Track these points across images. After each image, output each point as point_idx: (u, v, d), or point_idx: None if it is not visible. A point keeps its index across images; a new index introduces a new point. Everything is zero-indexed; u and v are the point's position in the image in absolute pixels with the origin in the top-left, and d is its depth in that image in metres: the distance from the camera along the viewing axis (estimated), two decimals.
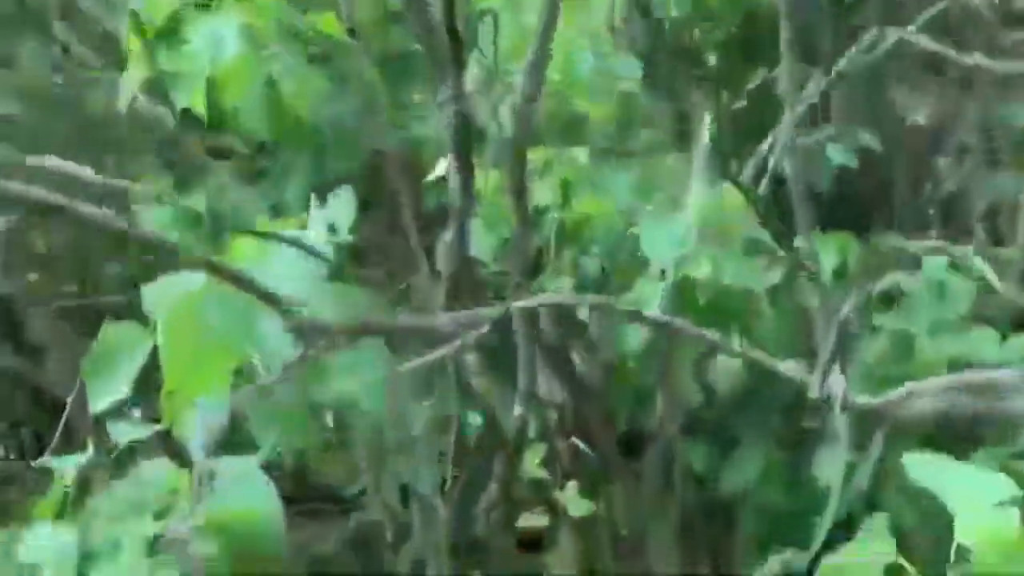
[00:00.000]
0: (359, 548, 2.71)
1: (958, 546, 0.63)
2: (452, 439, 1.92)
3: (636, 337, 1.55)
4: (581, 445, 2.26)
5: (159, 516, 1.08)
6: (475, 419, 2.03)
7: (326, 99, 1.80)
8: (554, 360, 2.33)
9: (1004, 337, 1.72)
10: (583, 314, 2.86)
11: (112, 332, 1.22)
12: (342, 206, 1.26)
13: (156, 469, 1.16)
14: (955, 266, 2.00)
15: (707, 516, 2.88)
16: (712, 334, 1.03)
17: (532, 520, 2.16)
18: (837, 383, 0.90)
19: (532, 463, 2.09)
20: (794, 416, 3.11)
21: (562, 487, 2.14)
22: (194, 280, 1.05)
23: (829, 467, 2.18)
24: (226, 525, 1.07)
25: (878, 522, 0.65)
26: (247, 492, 1.09)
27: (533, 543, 2.46)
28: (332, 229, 1.20)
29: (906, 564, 0.60)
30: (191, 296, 1.04)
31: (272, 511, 1.10)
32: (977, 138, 2.33)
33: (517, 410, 1.73)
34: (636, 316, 1.03)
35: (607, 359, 2.99)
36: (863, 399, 0.93)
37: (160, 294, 1.09)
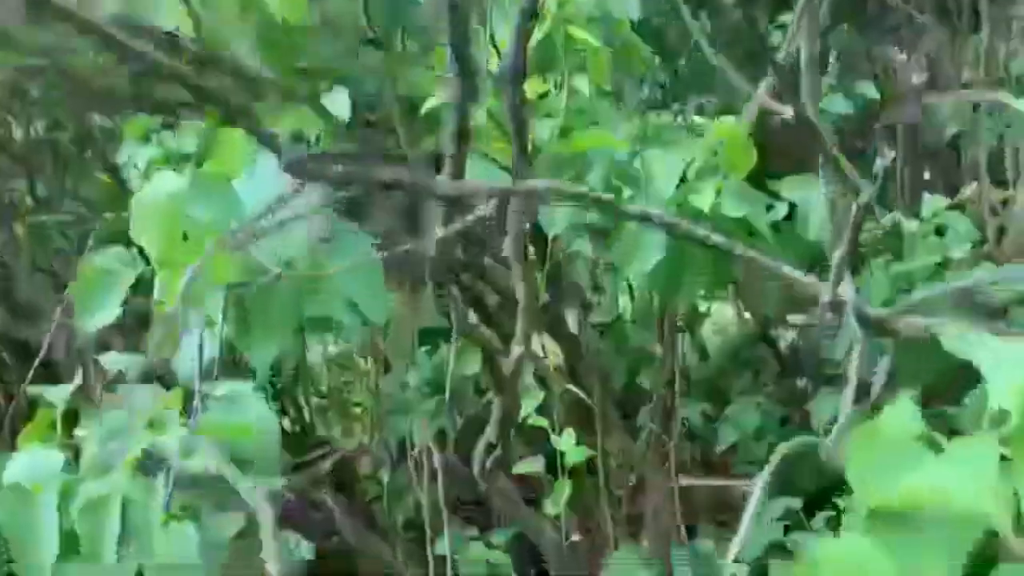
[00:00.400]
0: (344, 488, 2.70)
1: (993, 409, 0.61)
2: (449, 379, 1.90)
3: (646, 257, 1.51)
4: (579, 392, 2.24)
5: (149, 436, 1.06)
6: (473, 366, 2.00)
7: (316, 38, 1.75)
8: (548, 322, 2.31)
9: None
10: (578, 275, 2.86)
11: (99, 256, 1.18)
12: (337, 104, 1.22)
13: (146, 394, 1.13)
14: (956, 206, 1.98)
15: (703, 468, 2.88)
16: (720, 238, 0.99)
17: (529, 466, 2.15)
18: (849, 288, 0.88)
19: (529, 408, 2.07)
20: (787, 373, 3.12)
21: (560, 433, 2.12)
22: (176, 182, 1.02)
23: (827, 411, 2.18)
24: (221, 440, 1.04)
25: (903, 400, 0.63)
26: (244, 407, 1.06)
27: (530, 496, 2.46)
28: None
29: (936, 435, 0.57)
30: (178, 194, 1.00)
31: (268, 426, 1.07)
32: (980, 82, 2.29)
33: (516, 350, 1.71)
34: (643, 217, 0.99)
35: (603, 320, 2.98)
36: (874, 310, 0.91)
37: (146, 198, 1.06)
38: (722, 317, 3.44)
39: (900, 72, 2.72)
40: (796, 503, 2.14)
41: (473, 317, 1.98)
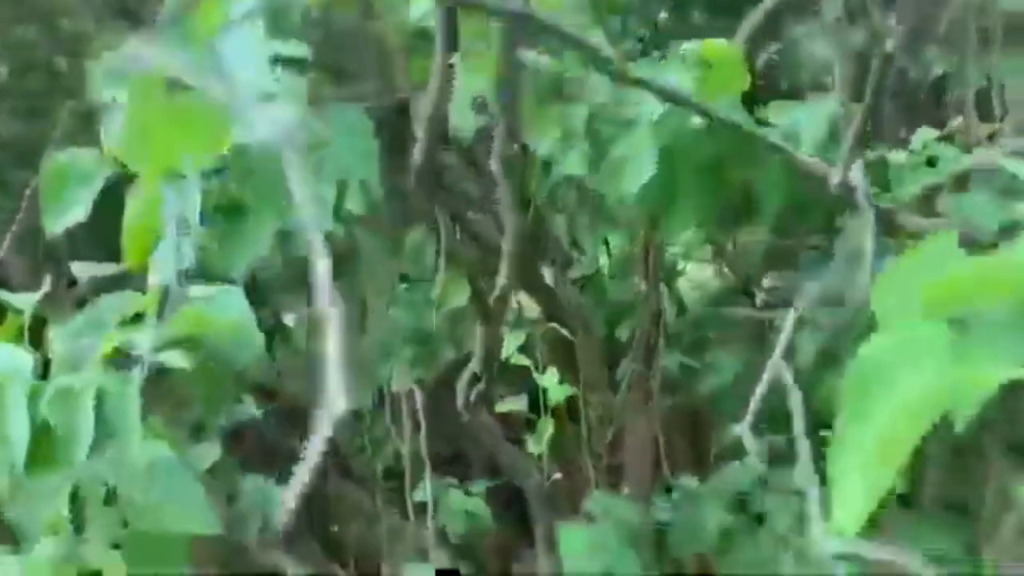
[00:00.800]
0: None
1: None
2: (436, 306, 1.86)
3: (637, 174, 1.47)
4: (561, 330, 2.22)
5: (122, 333, 1.00)
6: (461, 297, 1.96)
7: None
8: (528, 281, 2.28)
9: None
10: (558, 228, 2.83)
11: (63, 154, 1.12)
12: None
13: (119, 298, 1.08)
14: (944, 138, 1.96)
15: (685, 417, 2.88)
16: (733, 117, 0.95)
17: (511, 405, 2.13)
18: (858, 173, 0.85)
19: (513, 346, 2.04)
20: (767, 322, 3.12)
21: (543, 372, 2.10)
22: (150, 55, 0.93)
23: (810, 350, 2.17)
24: (200, 336, 0.99)
25: (943, 236, 0.59)
26: (224, 305, 1.01)
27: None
28: None
29: (985, 259, 0.53)
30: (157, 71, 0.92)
31: (250, 325, 1.02)
32: (969, 21, 2.27)
33: (501, 280, 1.66)
34: (656, 90, 0.94)
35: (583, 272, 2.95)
36: (883, 201, 0.88)
37: (115, 74, 0.98)
38: (699, 275, 3.44)
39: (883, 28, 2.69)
40: (779, 441, 2.13)
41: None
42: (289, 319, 3.19)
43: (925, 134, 1.93)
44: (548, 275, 2.47)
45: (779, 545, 1.98)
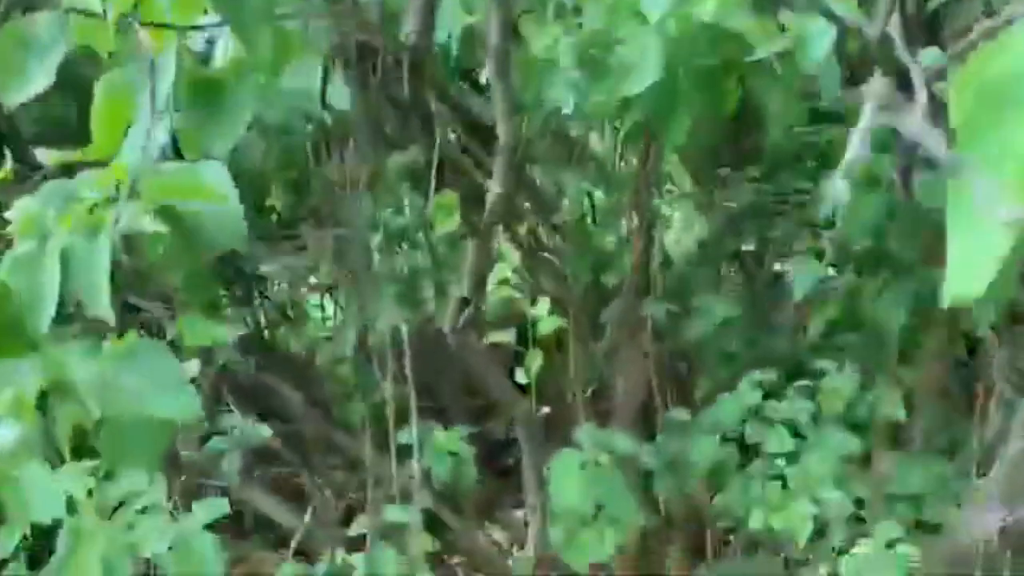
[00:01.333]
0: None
1: None
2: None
3: (640, 78, 1.39)
4: (551, 258, 2.15)
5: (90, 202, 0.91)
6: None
7: None
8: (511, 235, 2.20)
9: None
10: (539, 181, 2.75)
11: (22, 21, 1.02)
12: None
13: (87, 175, 0.99)
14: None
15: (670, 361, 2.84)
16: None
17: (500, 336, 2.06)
18: (895, 27, 0.79)
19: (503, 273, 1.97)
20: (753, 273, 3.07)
21: (533, 303, 2.03)
22: None
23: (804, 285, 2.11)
24: (177, 207, 0.90)
25: None
26: (199, 173, 0.92)
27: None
28: None
29: None
30: None
31: (229, 192, 0.93)
32: None
33: (495, 188, 1.58)
34: None
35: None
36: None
37: None
38: (684, 227, 3.40)
39: None
40: (772, 374, 2.10)
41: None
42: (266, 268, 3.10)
43: (931, 52, 1.87)
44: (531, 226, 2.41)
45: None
